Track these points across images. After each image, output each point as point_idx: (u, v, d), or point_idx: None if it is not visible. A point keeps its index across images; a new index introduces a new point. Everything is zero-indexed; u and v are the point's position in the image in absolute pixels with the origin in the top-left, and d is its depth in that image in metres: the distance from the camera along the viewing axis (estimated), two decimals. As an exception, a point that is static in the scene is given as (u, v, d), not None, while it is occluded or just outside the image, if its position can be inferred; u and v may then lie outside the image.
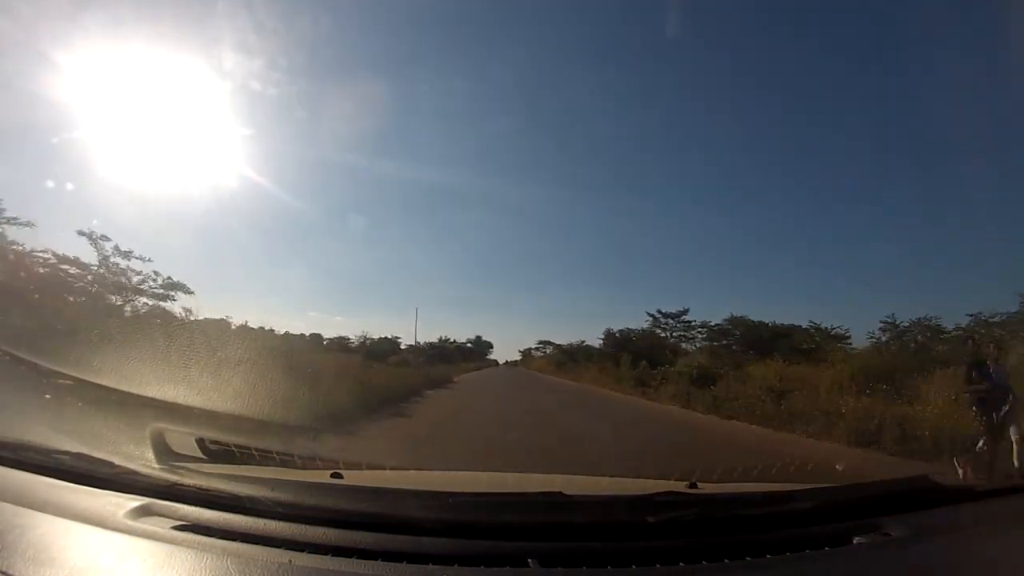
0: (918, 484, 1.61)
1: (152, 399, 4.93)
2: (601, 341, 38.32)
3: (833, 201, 37.99)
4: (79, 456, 1.59)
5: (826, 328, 23.65)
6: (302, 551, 1.16)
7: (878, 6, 28.16)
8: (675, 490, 1.45)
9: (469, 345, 78.79)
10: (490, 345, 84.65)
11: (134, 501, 1.38)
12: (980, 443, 6.46)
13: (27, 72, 17.07)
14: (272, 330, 17.77)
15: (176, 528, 1.27)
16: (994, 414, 6.39)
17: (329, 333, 44.89)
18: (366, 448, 7.39)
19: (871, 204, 36.87)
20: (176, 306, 12.69)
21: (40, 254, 10.87)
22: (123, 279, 12.34)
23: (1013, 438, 6.22)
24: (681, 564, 1.16)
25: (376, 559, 1.13)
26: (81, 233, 11.85)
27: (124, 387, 5.43)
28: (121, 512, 1.32)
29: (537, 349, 73.36)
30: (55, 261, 11.03)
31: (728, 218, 45.86)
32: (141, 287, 12.63)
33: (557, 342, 67.65)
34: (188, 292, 13.14)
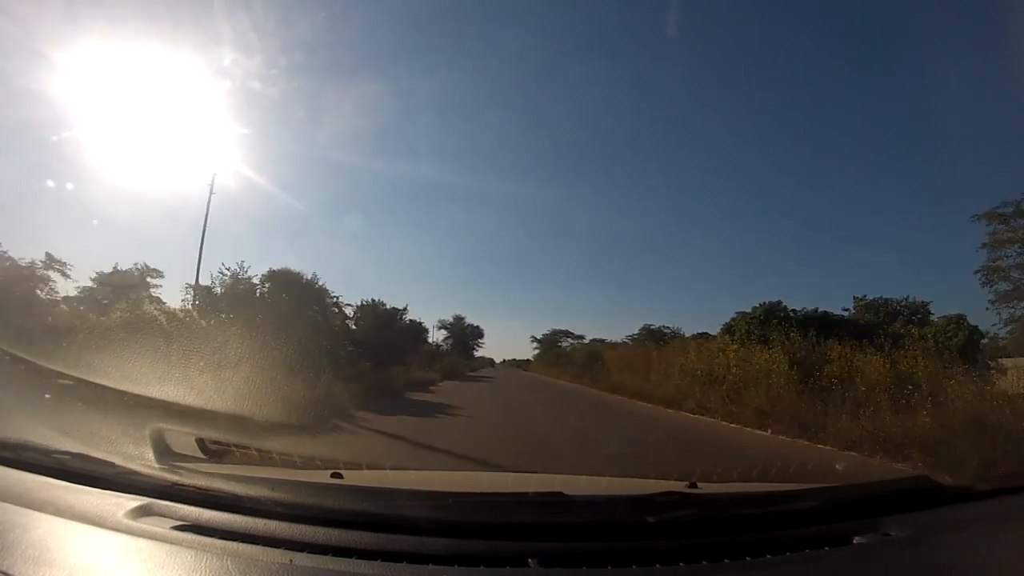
0: (918, 484, 1.61)
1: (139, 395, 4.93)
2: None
3: (837, 198, 37.65)
4: (79, 456, 1.59)
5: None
6: (302, 551, 1.16)
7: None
8: (675, 490, 1.44)
9: (443, 333, 50.96)
10: (480, 334, 58.02)
11: (134, 501, 1.38)
12: None
13: (26, 71, 17.03)
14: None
15: (176, 528, 1.27)
16: None
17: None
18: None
19: (874, 203, 36.66)
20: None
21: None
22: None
23: None
24: (681, 564, 1.16)
25: (376, 559, 1.13)
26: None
27: (124, 387, 5.43)
28: (121, 512, 1.32)
29: (558, 339, 50.92)
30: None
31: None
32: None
33: (577, 333, 48.74)
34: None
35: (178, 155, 24.57)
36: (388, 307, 26.37)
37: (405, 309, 27.76)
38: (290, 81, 26.72)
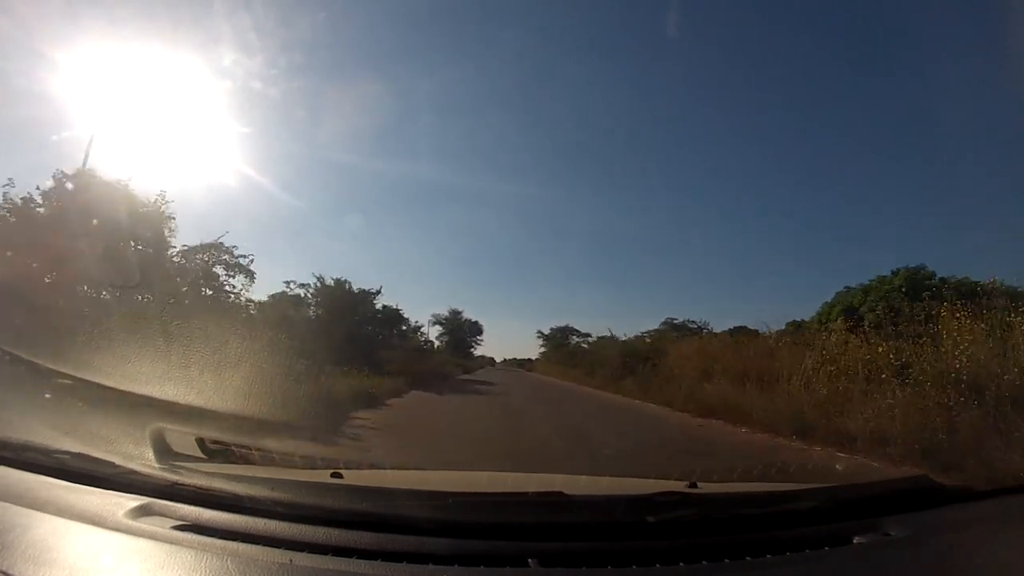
0: (918, 484, 1.62)
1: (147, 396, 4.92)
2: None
3: (836, 199, 37.45)
4: (80, 456, 1.59)
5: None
6: (302, 551, 1.16)
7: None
8: (675, 490, 1.44)
9: (440, 329, 47.33)
10: (479, 330, 53.49)
11: (134, 501, 1.38)
12: None
13: (27, 70, 16.88)
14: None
15: (176, 528, 1.27)
16: None
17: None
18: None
19: (875, 203, 36.46)
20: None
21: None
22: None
23: None
24: (681, 564, 1.16)
25: (376, 559, 1.13)
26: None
27: (124, 386, 5.43)
28: (121, 512, 1.32)
29: (567, 336, 45.88)
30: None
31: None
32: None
33: (583, 330, 43.52)
34: None
35: (178, 154, 24.36)
36: (355, 288, 19.67)
37: (378, 292, 21.09)
38: (290, 81, 26.64)
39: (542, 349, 50.92)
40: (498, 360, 72.23)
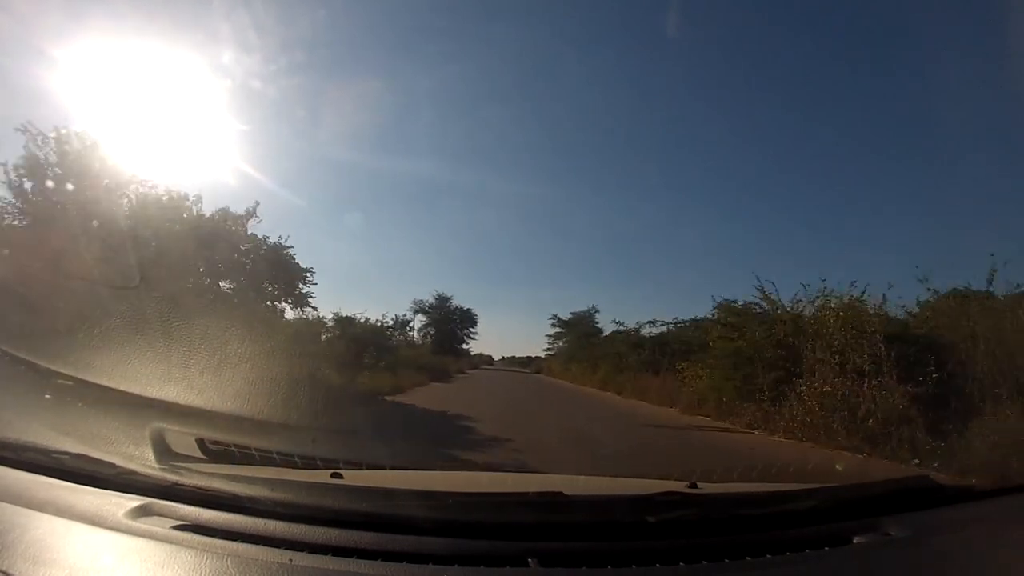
0: (918, 484, 1.62)
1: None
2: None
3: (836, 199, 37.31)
4: (79, 456, 1.59)
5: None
6: (302, 551, 1.16)
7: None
8: (675, 490, 1.45)
9: (424, 319, 38.73)
10: (472, 320, 44.40)
11: (134, 501, 1.37)
12: None
13: (25, 68, 16.80)
14: None
15: (176, 528, 1.27)
16: None
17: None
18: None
19: (875, 203, 36.36)
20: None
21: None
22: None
23: None
24: (681, 564, 1.16)
25: (376, 559, 1.13)
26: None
27: (124, 387, 5.43)
28: (121, 512, 1.32)
29: (593, 324, 33.12)
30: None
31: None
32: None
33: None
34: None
35: (178, 152, 24.16)
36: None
37: (252, 213, 11.83)
38: (290, 78, 26.46)
39: (549, 346, 40.48)
40: (496, 358, 66.34)
